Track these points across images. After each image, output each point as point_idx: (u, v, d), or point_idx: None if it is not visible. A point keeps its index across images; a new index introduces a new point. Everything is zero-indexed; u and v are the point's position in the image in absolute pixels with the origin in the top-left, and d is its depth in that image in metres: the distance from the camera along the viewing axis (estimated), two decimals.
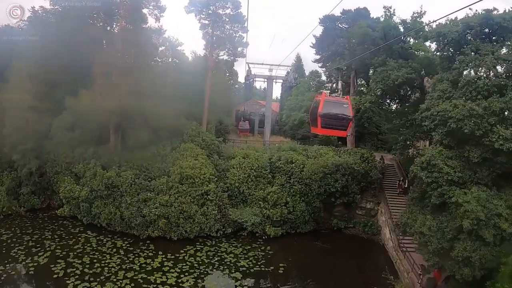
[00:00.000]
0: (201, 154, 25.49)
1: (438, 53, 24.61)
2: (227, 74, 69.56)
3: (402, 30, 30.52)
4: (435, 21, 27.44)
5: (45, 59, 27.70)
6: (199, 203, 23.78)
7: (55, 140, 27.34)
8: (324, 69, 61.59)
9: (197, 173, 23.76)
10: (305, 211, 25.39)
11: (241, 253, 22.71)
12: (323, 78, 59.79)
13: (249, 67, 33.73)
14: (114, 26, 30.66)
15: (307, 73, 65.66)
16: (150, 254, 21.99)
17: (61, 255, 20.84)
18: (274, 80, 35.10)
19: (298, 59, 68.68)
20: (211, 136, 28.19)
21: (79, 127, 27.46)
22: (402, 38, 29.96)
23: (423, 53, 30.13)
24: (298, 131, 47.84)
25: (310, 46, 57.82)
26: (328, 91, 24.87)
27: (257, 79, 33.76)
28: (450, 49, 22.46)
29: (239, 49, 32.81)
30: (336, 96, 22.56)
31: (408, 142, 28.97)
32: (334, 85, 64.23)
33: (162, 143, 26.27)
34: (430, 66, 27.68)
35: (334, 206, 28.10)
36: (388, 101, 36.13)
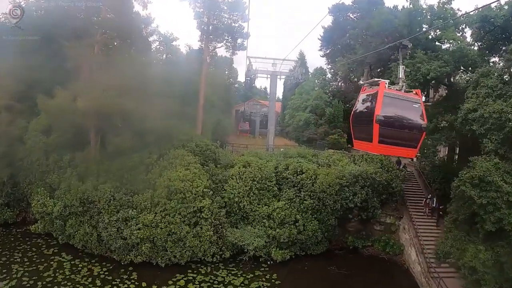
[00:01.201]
0: (193, 162, 21.39)
1: (476, 43, 20.68)
2: (226, 71, 66.33)
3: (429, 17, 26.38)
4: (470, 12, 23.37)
5: (24, 54, 24.82)
6: (191, 223, 19.70)
7: (29, 145, 23.49)
8: (329, 66, 58.27)
9: (188, 187, 19.68)
10: (318, 230, 21.29)
11: (242, 285, 18.67)
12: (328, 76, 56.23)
13: (250, 62, 29.66)
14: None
15: (310, 70, 61.96)
16: (131, 286, 18.02)
17: (27, 285, 17.46)
18: (279, 77, 30.97)
19: (302, 56, 64.68)
20: (206, 141, 24.09)
21: (55, 130, 23.83)
22: (427, 27, 25.94)
23: (452, 44, 26.02)
24: (304, 132, 43.89)
25: (318, 39, 53.87)
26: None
27: (259, 74, 29.71)
28: (492, 37, 18.49)
29: (239, 40, 28.67)
30: (397, 89, 14.61)
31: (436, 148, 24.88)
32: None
33: (148, 150, 22.22)
34: (462, 59, 23.63)
35: (349, 220, 24.11)
36: None
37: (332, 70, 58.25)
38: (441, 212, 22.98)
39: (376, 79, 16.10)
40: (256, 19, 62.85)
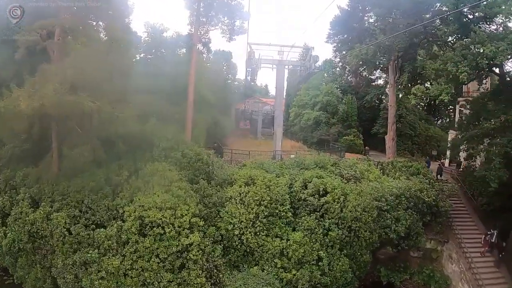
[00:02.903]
0: (178, 180, 15.78)
1: None
2: (225, 67, 60.72)
3: None
4: None
5: None
6: (174, 267, 14.10)
7: None
8: (338, 58, 52.61)
9: (169, 217, 14.08)
10: (348, 270, 15.67)
11: None
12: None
13: (251, 49, 23.97)
14: None
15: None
16: None
17: None
18: (286, 67, 25.26)
19: (306, 50, 58.97)
20: (196, 148, 18.43)
21: (7, 138, 18.71)
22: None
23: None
24: (313, 133, 38.31)
25: (329, 29, 48.23)
26: None
27: (263, 64, 24.08)
28: None
29: (237, 22, 23.05)
30: None
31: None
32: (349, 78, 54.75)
33: (118, 164, 16.67)
34: None
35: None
36: None
37: (340, 64, 52.68)
38: (502, 253, 17.59)
39: None
40: (256, 15, 56.92)
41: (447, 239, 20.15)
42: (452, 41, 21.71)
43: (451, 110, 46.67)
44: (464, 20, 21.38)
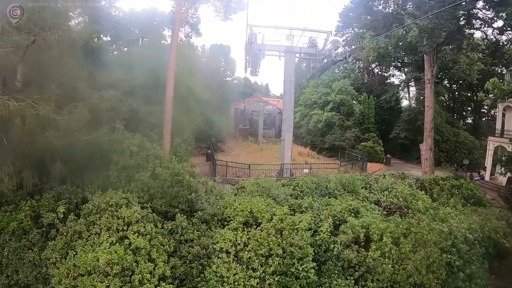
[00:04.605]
0: (140, 219, 10.25)
1: None
2: (222, 62, 55.27)
3: None
4: None
5: None
6: None
7: None
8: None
9: (118, 285, 8.59)
10: None
11: None
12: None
13: (251, 32, 18.29)
14: None
15: None
16: None
17: None
18: (298, 54, 19.63)
19: (312, 46, 53.37)
20: (175, 165, 12.87)
21: None
22: None
23: None
24: (325, 138, 32.71)
25: (338, 21, 43.44)
26: None
27: (267, 52, 18.55)
28: None
29: None
30: None
31: None
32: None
33: (54, 192, 11.24)
34: None
35: None
36: None
37: (351, 59, 47.23)
38: None
39: None
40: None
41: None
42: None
43: (480, 112, 41.22)
44: None
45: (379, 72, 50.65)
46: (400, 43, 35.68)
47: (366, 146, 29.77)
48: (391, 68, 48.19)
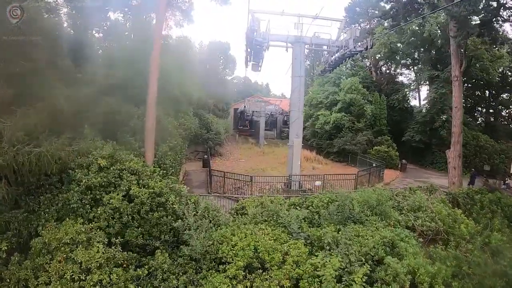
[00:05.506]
0: (103, 264, 7.42)
1: None
2: (221, 60, 52.52)
3: None
4: None
5: None
6: None
7: None
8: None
9: None
10: None
11: None
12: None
13: (253, 19, 15.38)
14: None
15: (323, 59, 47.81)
16: None
17: None
18: (308, 46, 16.72)
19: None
20: (157, 183, 10.03)
21: None
22: None
23: None
24: (334, 141, 29.79)
25: (344, 17, 40.62)
26: None
27: (272, 42, 15.74)
28: None
29: None
30: None
31: None
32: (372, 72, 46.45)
33: None
34: None
35: None
36: None
37: (358, 56, 44.45)
38: None
39: None
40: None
41: None
42: None
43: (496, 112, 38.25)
44: None
45: (387, 71, 47.87)
46: (413, 38, 32.86)
47: (380, 150, 26.85)
48: (400, 66, 45.45)
